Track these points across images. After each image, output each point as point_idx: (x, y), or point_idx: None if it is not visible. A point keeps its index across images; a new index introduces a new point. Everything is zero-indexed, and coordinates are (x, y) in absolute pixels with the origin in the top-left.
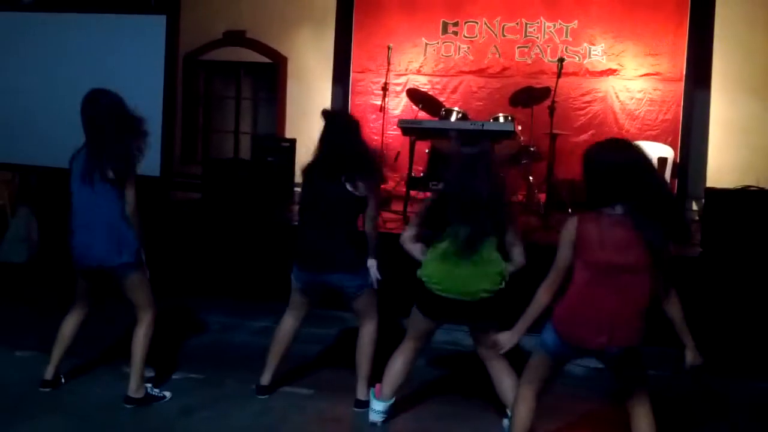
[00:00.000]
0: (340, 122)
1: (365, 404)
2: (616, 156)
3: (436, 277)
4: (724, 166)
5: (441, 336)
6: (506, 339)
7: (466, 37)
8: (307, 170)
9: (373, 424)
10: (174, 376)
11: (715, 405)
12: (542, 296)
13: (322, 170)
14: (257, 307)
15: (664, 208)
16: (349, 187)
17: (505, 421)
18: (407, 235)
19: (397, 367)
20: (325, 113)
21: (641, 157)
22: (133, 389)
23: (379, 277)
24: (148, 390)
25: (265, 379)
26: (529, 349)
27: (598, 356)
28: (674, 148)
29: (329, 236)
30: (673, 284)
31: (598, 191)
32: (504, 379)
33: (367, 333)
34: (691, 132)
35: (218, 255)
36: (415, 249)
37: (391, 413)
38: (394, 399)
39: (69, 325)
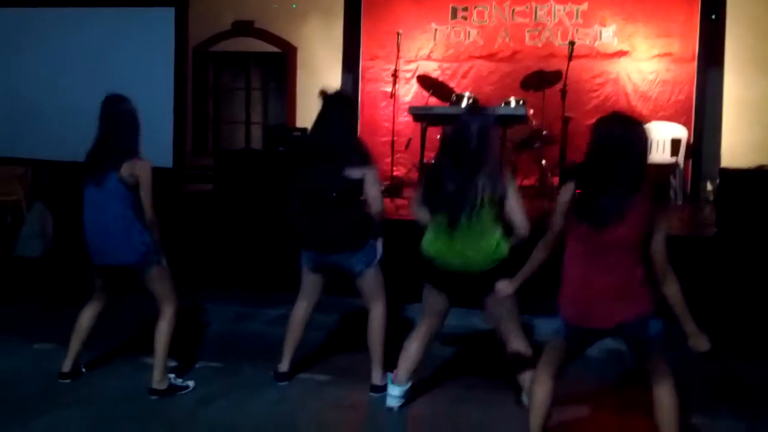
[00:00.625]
0: (338, 107)
1: (381, 389)
2: (623, 133)
3: (433, 250)
4: (738, 145)
5: (456, 320)
6: (504, 287)
7: (475, 21)
8: (303, 155)
9: (390, 409)
10: (192, 366)
11: (731, 386)
12: (537, 253)
13: (317, 156)
14: (271, 297)
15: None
16: (345, 172)
17: (524, 398)
18: (414, 203)
19: (412, 350)
20: (324, 95)
21: (643, 137)
22: (157, 380)
23: (380, 255)
24: (172, 381)
25: (284, 366)
26: (542, 336)
27: (606, 335)
28: (688, 128)
29: (330, 220)
30: (671, 268)
31: (599, 168)
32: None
33: (377, 316)
34: (705, 112)
35: (231, 245)
36: (423, 217)
37: (408, 397)
38: (410, 383)
39: (86, 317)
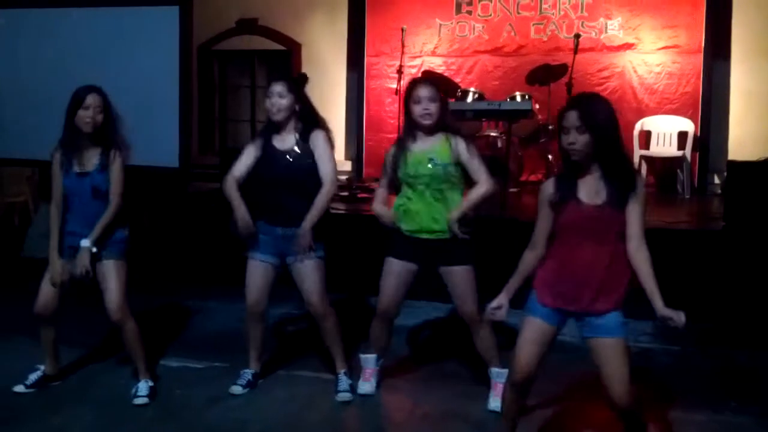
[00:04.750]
0: None
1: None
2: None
3: None
4: (746, 138)
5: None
6: None
7: (480, 16)
8: None
9: None
10: (199, 366)
11: (738, 380)
12: None
13: None
14: (277, 295)
15: None
16: None
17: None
18: None
19: None
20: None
21: None
22: None
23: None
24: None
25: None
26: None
27: None
28: (694, 121)
29: None
30: None
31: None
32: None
33: None
34: (712, 104)
35: (238, 244)
36: None
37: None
38: None
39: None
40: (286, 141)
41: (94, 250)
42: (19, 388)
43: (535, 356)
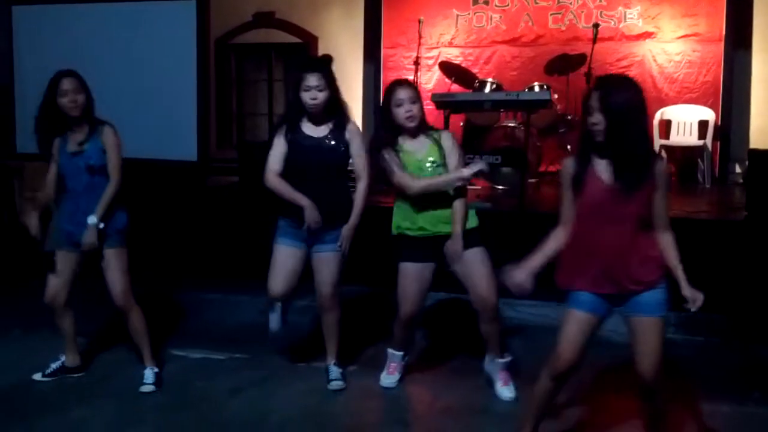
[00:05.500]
0: None
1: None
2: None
3: None
4: (767, 126)
5: None
6: None
7: (497, 6)
8: None
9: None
10: (220, 357)
11: (761, 372)
12: None
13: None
14: (297, 287)
15: None
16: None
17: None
18: None
19: None
20: None
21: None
22: None
23: None
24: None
25: None
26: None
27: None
28: (715, 110)
29: None
30: None
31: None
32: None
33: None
34: (732, 93)
35: (258, 237)
36: None
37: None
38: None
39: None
40: (320, 129)
41: (101, 225)
42: (37, 376)
43: (578, 346)
